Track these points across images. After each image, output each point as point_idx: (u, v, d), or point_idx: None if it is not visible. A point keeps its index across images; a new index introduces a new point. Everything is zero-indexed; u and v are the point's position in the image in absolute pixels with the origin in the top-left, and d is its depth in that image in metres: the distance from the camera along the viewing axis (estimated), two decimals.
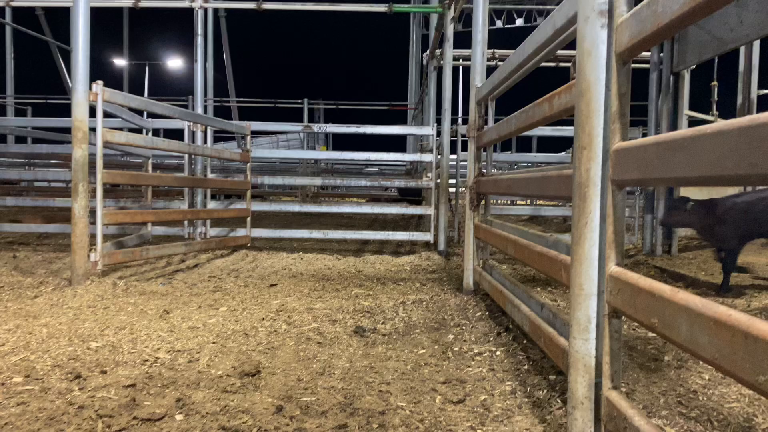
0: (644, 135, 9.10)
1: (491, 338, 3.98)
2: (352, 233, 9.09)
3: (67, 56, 18.53)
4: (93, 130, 5.43)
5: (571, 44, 2.66)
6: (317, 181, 12.57)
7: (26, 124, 12.53)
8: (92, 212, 5.56)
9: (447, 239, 8.31)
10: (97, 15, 5.83)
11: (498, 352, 3.65)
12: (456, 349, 3.73)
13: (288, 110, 21.13)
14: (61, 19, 19.85)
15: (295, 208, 9.87)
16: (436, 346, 3.78)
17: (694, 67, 8.34)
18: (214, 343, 3.78)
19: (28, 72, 21.76)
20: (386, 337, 4.00)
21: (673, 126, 8.36)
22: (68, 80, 19.63)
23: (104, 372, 3.16)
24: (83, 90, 5.36)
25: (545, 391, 2.95)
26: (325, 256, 7.80)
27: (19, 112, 20.43)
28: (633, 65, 2.07)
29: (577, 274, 2.16)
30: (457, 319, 4.50)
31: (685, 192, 7.69)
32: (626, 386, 3.00)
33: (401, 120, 20.62)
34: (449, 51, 8.14)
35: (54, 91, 21.32)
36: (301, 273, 6.67)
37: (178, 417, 2.59)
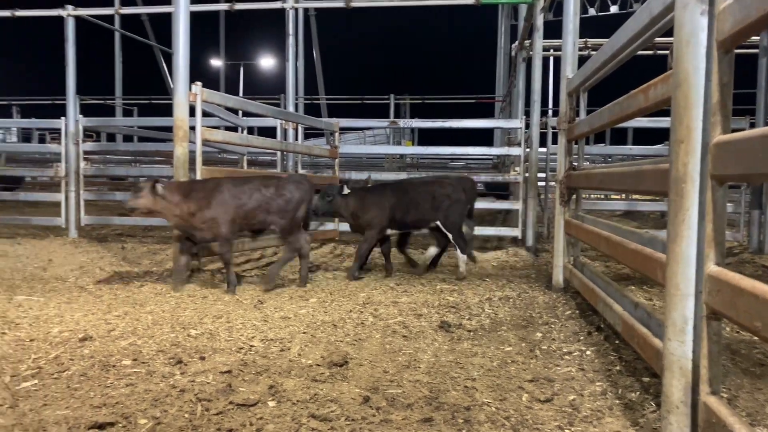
0: (753, 126, 8.51)
1: (581, 337, 3.88)
2: None
3: (169, 58, 19.65)
4: (193, 128, 5.73)
5: (671, 30, 2.54)
6: (403, 176, 12.61)
7: (133, 124, 13.39)
8: None
9: (536, 235, 8.14)
10: (195, 18, 6.13)
11: (588, 352, 3.55)
12: (544, 347, 3.66)
13: (375, 106, 21.30)
14: (163, 22, 21.03)
15: None
16: (523, 344, 3.73)
17: None
18: (304, 333, 3.91)
19: (134, 74, 23.20)
20: (472, 333, 3.98)
21: None
22: (170, 81, 20.79)
23: (203, 358, 3.35)
24: (184, 91, 5.66)
25: (638, 393, 2.85)
26: (410, 251, 7.83)
27: (127, 113, 21.85)
28: (738, 50, 1.95)
29: (673, 274, 2.07)
30: (545, 317, 4.41)
31: None
32: (727, 392, 2.84)
33: (488, 113, 20.31)
34: (539, 42, 7.94)
35: (157, 91, 22.62)
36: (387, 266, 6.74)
37: (271, 403, 2.71)
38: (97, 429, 2.43)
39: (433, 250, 6.50)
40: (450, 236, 6.22)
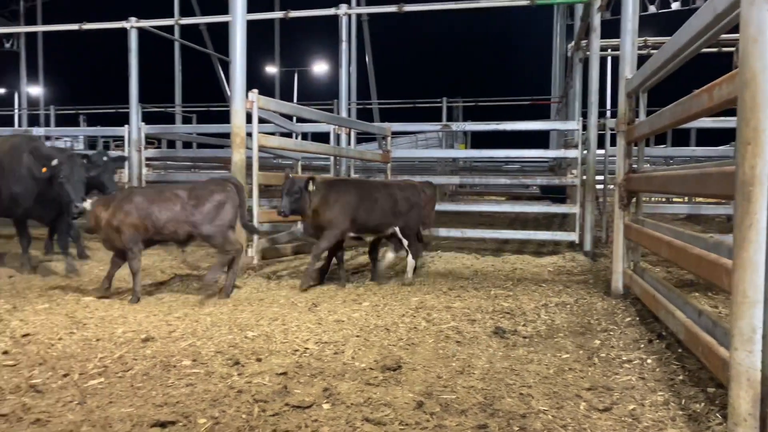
0: None
1: (642, 345, 3.76)
2: (491, 232, 8.98)
3: (226, 66, 20.14)
4: (249, 135, 5.86)
5: (737, 26, 2.45)
6: (455, 179, 12.51)
7: (192, 131, 13.80)
8: (249, 211, 5.99)
9: (593, 239, 7.94)
10: (251, 26, 6.28)
11: (649, 360, 3.44)
12: (602, 355, 3.57)
13: (427, 109, 21.26)
14: (221, 31, 21.59)
15: None
16: (580, 351, 3.65)
17: None
18: (357, 336, 3.94)
19: (193, 83, 23.90)
20: (527, 340, 3.92)
21: None
22: (227, 89, 21.29)
23: (259, 360, 3.42)
24: (240, 99, 5.80)
25: (702, 404, 2.74)
26: (463, 255, 7.79)
27: (186, 120, 22.53)
28: None
29: (740, 280, 1.99)
30: (604, 324, 4.30)
31: None
32: None
33: (544, 115, 19.97)
34: (596, 41, 7.76)
35: (215, 99, 23.24)
36: (439, 271, 6.72)
37: (325, 406, 2.74)
38: (159, 427, 2.51)
39: (391, 255, 6.14)
40: (405, 243, 5.96)
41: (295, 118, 8.53)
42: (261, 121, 5.96)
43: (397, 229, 5.91)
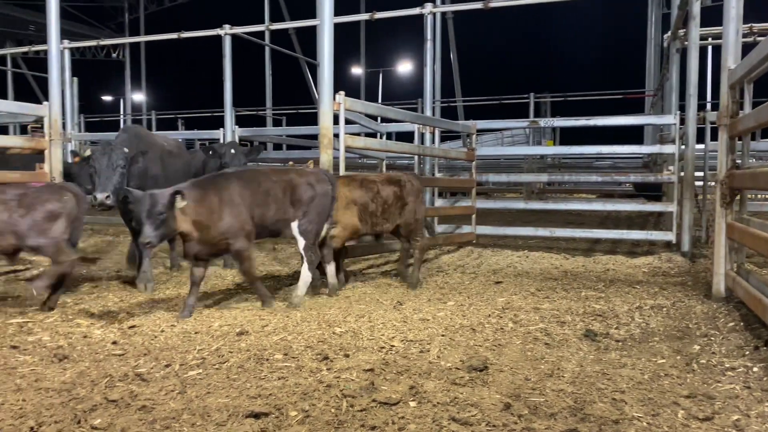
0: None
1: (747, 352, 3.53)
2: (581, 231, 8.71)
3: (313, 69, 20.59)
4: (336, 136, 5.98)
5: None
6: (543, 177, 12.18)
7: (281, 133, 14.23)
8: None
9: (692, 239, 7.52)
10: (337, 29, 6.40)
11: (755, 369, 3.23)
12: (702, 361, 3.39)
13: (513, 106, 20.85)
14: (307, 34, 22.13)
15: (520, 205, 9.76)
16: (678, 357, 3.47)
17: None
18: (442, 335, 3.94)
19: (282, 86, 24.61)
20: (620, 343, 3.78)
21: None
22: (315, 92, 21.83)
23: (347, 355, 3.49)
24: (328, 102, 5.93)
25: None
26: (551, 255, 7.59)
27: (276, 122, 23.28)
28: None
29: None
30: (704, 329, 4.07)
31: None
32: None
33: (637, 109, 19.10)
34: (695, 30, 7.33)
35: (303, 101, 23.87)
36: (527, 271, 6.59)
37: (412, 404, 2.76)
38: (253, 418, 2.62)
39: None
40: (301, 244, 4.85)
41: (379, 118, 8.62)
42: (347, 122, 6.07)
43: (294, 224, 4.81)
